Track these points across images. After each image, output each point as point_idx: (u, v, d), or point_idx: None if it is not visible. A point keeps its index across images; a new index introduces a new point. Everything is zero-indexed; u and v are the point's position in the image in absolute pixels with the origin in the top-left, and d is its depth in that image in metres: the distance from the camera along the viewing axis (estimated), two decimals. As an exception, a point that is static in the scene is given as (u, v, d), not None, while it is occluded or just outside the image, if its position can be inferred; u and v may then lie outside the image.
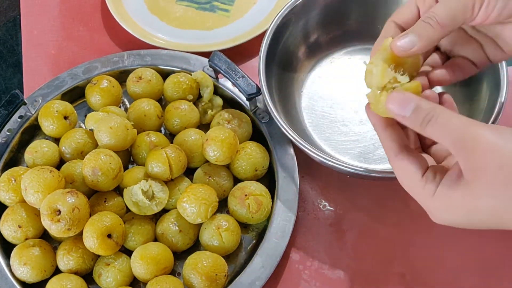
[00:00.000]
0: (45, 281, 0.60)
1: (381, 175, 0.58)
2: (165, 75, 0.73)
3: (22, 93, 0.73)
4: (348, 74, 0.74)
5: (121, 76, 0.74)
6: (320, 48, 0.75)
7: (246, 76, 0.67)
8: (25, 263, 0.59)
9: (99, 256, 0.61)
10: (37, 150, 0.66)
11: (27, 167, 0.66)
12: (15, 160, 0.70)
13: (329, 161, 0.60)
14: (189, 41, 0.81)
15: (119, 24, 0.80)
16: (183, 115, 0.68)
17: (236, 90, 0.71)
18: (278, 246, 0.61)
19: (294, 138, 0.61)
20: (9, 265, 0.61)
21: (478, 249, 0.64)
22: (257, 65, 0.66)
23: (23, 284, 0.61)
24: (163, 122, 0.70)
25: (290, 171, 0.65)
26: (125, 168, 0.67)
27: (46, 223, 0.57)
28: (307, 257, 0.65)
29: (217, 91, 0.72)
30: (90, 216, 0.60)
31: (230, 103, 0.73)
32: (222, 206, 0.65)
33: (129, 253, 0.61)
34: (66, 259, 0.60)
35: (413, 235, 0.65)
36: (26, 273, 0.59)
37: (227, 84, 0.72)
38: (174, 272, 0.62)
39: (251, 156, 0.65)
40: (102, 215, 0.59)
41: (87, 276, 0.61)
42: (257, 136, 0.69)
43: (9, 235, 0.62)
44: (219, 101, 0.71)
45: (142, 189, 0.61)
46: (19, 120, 0.70)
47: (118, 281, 0.60)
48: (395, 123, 0.45)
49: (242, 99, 0.70)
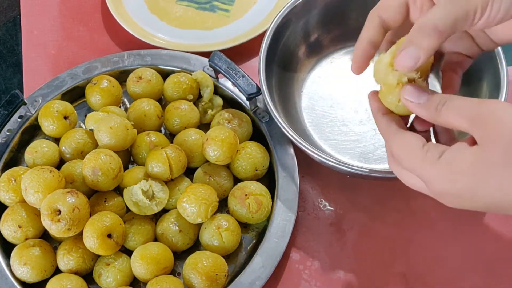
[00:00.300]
0: (45, 281, 0.60)
1: (381, 175, 0.58)
2: (165, 75, 0.73)
3: (22, 93, 0.73)
4: (348, 74, 0.72)
5: (121, 76, 0.74)
6: (320, 48, 0.75)
7: (246, 76, 0.67)
8: (25, 263, 0.59)
9: (99, 256, 0.61)
10: (37, 150, 0.66)
11: (27, 167, 0.66)
12: (15, 160, 0.70)
13: (329, 161, 0.60)
14: (189, 41, 0.81)
15: (119, 24, 0.80)
16: (183, 115, 0.68)
17: (236, 90, 0.71)
18: (278, 246, 0.61)
19: (294, 138, 0.61)
20: (9, 265, 0.61)
21: (478, 248, 0.64)
22: (257, 65, 0.66)
23: (23, 284, 0.61)
24: (163, 122, 0.70)
25: (290, 171, 0.65)
26: (125, 168, 0.67)
27: (46, 223, 0.57)
28: (307, 257, 0.65)
29: (217, 91, 0.72)
30: (90, 216, 0.60)
31: (230, 103, 0.73)
32: (222, 206, 0.65)
33: (129, 253, 0.61)
34: (66, 259, 0.60)
35: (413, 235, 0.65)
36: (26, 273, 0.59)
37: (227, 84, 0.72)
38: (174, 272, 0.62)
39: (251, 156, 0.65)
40: (102, 215, 0.59)
41: (87, 276, 0.61)
42: (257, 136, 0.69)
43: (9, 235, 0.62)
44: (219, 101, 0.71)
45: (142, 189, 0.61)
46: (19, 120, 0.70)
47: (118, 281, 0.60)
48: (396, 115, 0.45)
49: (242, 99, 0.70)
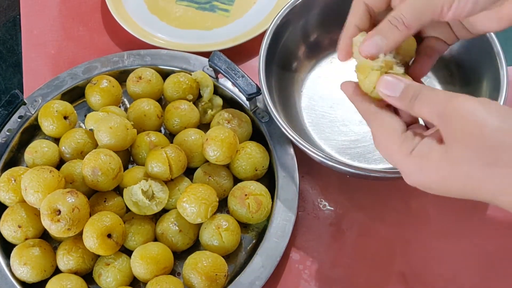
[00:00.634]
0: (45, 281, 0.60)
1: (381, 175, 0.58)
2: (165, 75, 0.73)
3: (22, 93, 0.73)
4: (348, 74, 0.73)
5: (121, 76, 0.74)
6: (320, 48, 0.75)
7: (246, 76, 0.67)
8: (25, 263, 0.59)
9: (99, 256, 0.61)
10: (37, 150, 0.66)
11: (27, 167, 0.66)
12: (15, 160, 0.70)
13: (329, 161, 0.60)
14: (189, 41, 0.81)
15: (119, 24, 0.80)
16: (183, 115, 0.68)
17: (236, 90, 0.71)
18: (278, 246, 0.61)
19: (294, 138, 0.61)
20: (9, 265, 0.61)
21: (478, 247, 0.64)
22: (257, 65, 0.66)
23: (23, 284, 0.61)
24: (163, 122, 0.70)
25: (290, 171, 0.66)
26: (125, 168, 0.67)
27: (46, 223, 0.57)
28: (307, 257, 0.65)
29: (217, 91, 0.72)
30: (90, 216, 0.60)
31: (230, 103, 0.73)
32: (222, 206, 0.65)
33: (129, 253, 0.61)
34: (66, 259, 0.60)
35: (413, 235, 0.65)
36: (26, 273, 0.59)
37: (227, 84, 0.72)
38: (174, 272, 0.62)
39: (251, 156, 0.65)
40: (102, 215, 0.59)
41: (87, 276, 0.61)
42: (257, 136, 0.69)
43: (9, 235, 0.62)
44: (219, 101, 0.71)
45: (142, 189, 0.61)
46: (19, 120, 0.70)
47: (118, 281, 0.60)
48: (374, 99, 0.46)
49: (242, 99, 0.70)
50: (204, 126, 0.71)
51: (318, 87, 0.74)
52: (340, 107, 0.72)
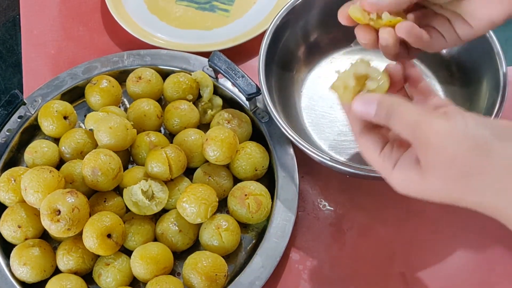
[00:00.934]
0: (45, 281, 0.60)
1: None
2: (165, 75, 0.73)
3: (22, 93, 0.73)
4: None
5: (121, 76, 0.74)
6: (320, 48, 0.75)
7: (245, 76, 0.67)
8: (24, 263, 0.59)
9: (99, 256, 0.61)
10: (36, 150, 0.66)
11: (26, 167, 0.66)
12: (14, 160, 0.70)
13: (328, 161, 0.60)
14: (189, 41, 0.81)
15: (119, 24, 0.80)
16: (183, 115, 0.68)
17: (236, 90, 0.71)
18: (278, 246, 0.61)
19: (294, 138, 0.61)
20: (9, 265, 0.61)
21: (478, 248, 0.64)
22: (256, 65, 0.66)
23: (22, 284, 0.61)
24: (163, 122, 0.70)
25: (290, 171, 0.65)
26: (125, 168, 0.67)
27: (46, 223, 0.57)
28: (307, 257, 0.64)
29: (217, 91, 0.72)
30: (90, 216, 0.60)
31: (229, 103, 0.73)
32: (222, 206, 0.65)
33: (129, 253, 0.61)
34: (66, 259, 0.60)
35: (413, 235, 0.65)
36: (26, 273, 0.59)
37: (226, 84, 0.72)
38: (174, 272, 0.62)
39: (251, 156, 0.65)
40: (102, 215, 0.59)
41: (87, 276, 0.61)
42: (257, 136, 0.69)
43: (8, 235, 0.62)
44: (218, 101, 0.71)
45: (142, 189, 0.61)
46: (18, 120, 0.70)
47: (118, 281, 0.60)
48: None
49: (242, 99, 0.70)
50: (204, 126, 0.71)
51: (318, 87, 0.74)
52: (340, 107, 0.72)
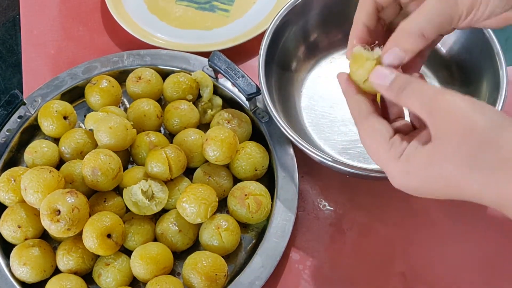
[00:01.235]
0: (44, 281, 0.60)
1: (381, 175, 0.58)
2: (164, 75, 0.73)
3: (22, 93, 0.73)
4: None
5: (121, 76, 0.74)
6: (320, 48, 0.75)
7: (245, 76, 0.67)
8: (24, 263, 0.59)
9: (98, 256, 0.61)
10: (36, 150, 0.66)
11: (26, 167, 0.66)
12: (14, 160, 0.70)
13: (328, 161, 0.60)
14: (188, 41, 0.81)
15: (118, 24, 0.80)
16: (183, 115, 0.68)
17: (235, 90, 0.71)
18: (278, 246, 0.61)
19: (293, 138, 0.61)
20: (8, 265, 0.61)
21: (478, 248, 0.64)
22: (256, 65, 0.66)
23: (22, 284, 0.61)
24: (163, 122, 0.70)
25: (289, 171, 0.65)
26: (125, 168, 0.67)
27: (46, 223, 0.57)
28: (307, 257, 0.64)
29: (216, 91, 0.72)
30: (90, 216, 0.60)
31: (229, 103, 0.73)
32: (222, 206, 0.65)
33: (128, 253, 0.61)
34: (65, 259, 0.60)
35: (413, 234, 0.65)
36: (26, 273, 0.59)
37: (226, 84, 0.72)
38: (173, 272, 0.62)
39: (251, 156, 0.65)
40: (101, 215, 0.59)
41: (87, 276, 0.61)
42: (256, 136, 0.69)
43: (8, 235, 0.62)
44: (218, 101, 0.71)
45: (141, 189, 0.61)
46: (18, 120, 0.70)
47: (118, 281, 0.60)
48: (365, 93, 0.47)
49: (242, 99, 0.70)
50: (203, 126, 0.71)
51: (318, 87, 0.74)
52: (340, 107, 0.72)
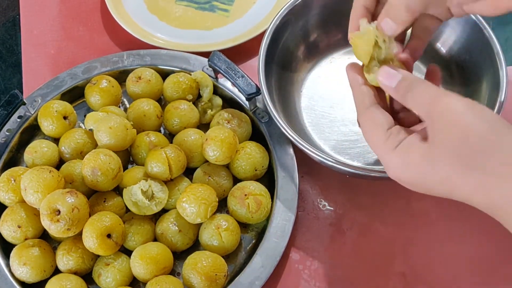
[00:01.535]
0: (44, 281, 0.60)
1: (381, 175, 0.58)
2: (164, 75, 0.73)
3: (22, 93, 0.73)
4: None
5: (121, 76, 0.74)
6: (320, 48, 0.75)
7: (245, 76, 0.67)
8: (24, 263, 0.59)
9: (98, 256, 0.61)
10: (36, 150, 0.66)
11: (26, 167, 0.66)
12: (14, 160, 0.70)
13: (328, 161, 0.60)
14: (188, 41, 0.81)
15: (118, 24, 0.80)
16: (183, 115, 0.68)
17: (235, 90, 0.71)
18: (277, 246, 0.61)
19: (293, 138, 0.61)
20: (8, 265, 0.61)
21: (478, 248, 0.64)
22: (256, 65, 0.66)
23: (22, 284, 0.61)
24: (163, 122, 0.70)
25: (289, 171, 0.65)
26: (125, 168, 0.67)
27: (46, 223, 0.57)
28: (307, 257, 0.64)
29: (216, 91, 0.72)
30: (90, 216, 0.60)
31: (229, 103, 0.73)
32: (222, 206, 0.65)
33: (128, 253, 0.61)
34: (65, 259, 0.60)
35: (413, 234, 0.65)
36: (26, 273, 0.59)
37: (226, 84, 0.72)
38: (173, 272, 0.62)
39: (251, 156, 0.65)
40: (101, 215, 0.59)
41: (87, 276, 0.61)
42: (256, 136, 0.69)
43: (8, 235, 0.62)
44: (218, 101, 0.71)
45: (141, 189, 0.61)
46: (18, 120, 0.70)
47: (118, 281, 0.60)
48: (370, 85, 0.48)
49: (242, 99, 0.70)
50: (203, 126, 0.71)
51: (318, 87, 0.74)
52: (340, 107, 0.72)
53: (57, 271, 0.61)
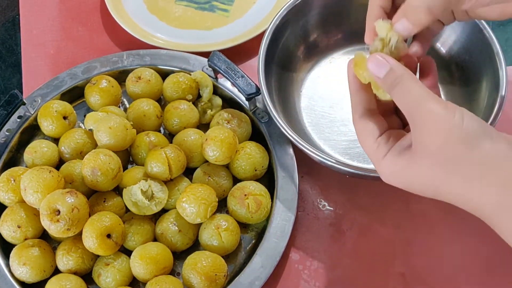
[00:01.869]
0: (44, 281, 0.60)
1: (381, 175, 0.58)
2: (164, 75, 0.73)
3: (21, 93, 0.73)
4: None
5: (121, 76, 0.74)
6: (319, 48, 0.75)
7: (245, 76, 0.67)
8: (24, 263, 0.59)
9: (98, 256, 0.61)
10: (36, 150, 0.66)
11: (26, 167, 0.66)
12: (14, 160, 0.70)
13: (328, 161, 0.60)
14: (188, 41, 0.81)
15: (118, 24, 0.80)
16: (183, 115, 0.68)
17: (235, 90, 0.71)
18: (277, 246, 0.61)
19: (293, 138, 0.61)
20: (8, 265, 0.61)
21: (478, 248, 0.64)
22: (256, 65, 0.66)
23: (22, 284, 0.61)
24: (163, 122, 0.70)
25: (289, 171, 0.65)
26: (125, 168, 0.67)
27: (46, 223, 0.57)
28: (307, 257, 0.64)
29: (216, 91, 0.72)
30: (90, 216, 0.60)
31: (229, 103, 0.73)
32: (222, 206, 0.65)
33: (128, 253, 0.61)
34: (65, 259, 0.60)
35: (412, 235, 0.65)
36: (26, 273, 0.59)
37: (226, 84, 0.72)
38: (173, 272, 0.62)
39: (251, 156, 0.65)
40: (101, 215, 0.59)
41: (87, 276, 0.61)
42: (256, 136, 0.69)
43: (8, 235, 0.62)
44: (218, 101, 0.71)
45: (141, 189, 0.61)
46: (18, 120, 0.70)
47: (118, 281, 0.60)
48: (368, 88, 0.47)
49: (242, 99, 0.70)
50: (203, 126, 0.71)
51: (318, 87, 0.74)
52: (340, 107, 0.72)
53: (57, 271, 0.61)
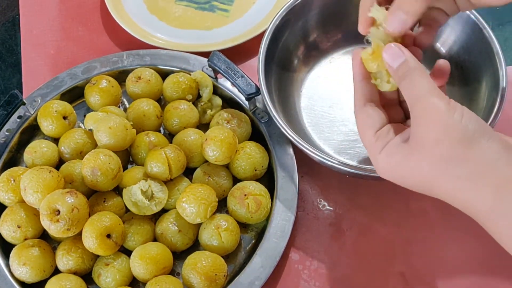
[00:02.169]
0: (44, 281, 0.60)
1: (381, 175, 0.58)
2: (164, 75, 0.73)
3: (21, 93, 0.73)
4: (347, 74, 0.73)
5: (120, 76, 0.74)
6: (319, 48, 0.75)
7: (245, 76, 0.67)
8: (24, 263, 0.59)
9: (98, 256, 0.61)
10: (36, 150, 0.66)
11: (26, 167, 0.66)
12: (14, 160, 0.70)
13: (328, 161, 0.60)
14: (188, 41, 0.81)
15: (118, 24, 0.80)
16: (183, 115, 0.68)
17: (235, 90, 0.71)
18: (277, 246, 0.61)
19: (293, 138, 0.61)
20: (8, 265, 0.61)
21: (478, 248, 0.64)
22: (256, 65, 0.66)
23: (22, 284, 0.61)
24: (162, 122, 0.70)
25: (289, 171, 0.65)
26: (124, 168, 0.67)
27: (46, 223, 0.57)
28: (307, 257, 0.65)
29: (216, 91, 0.72)
30: (90, 216, 0.60)
31: (229, 103, 0.73)
32: (222, 206, 0.65)
33: (128, 253, 0.61)
34: (65, 259, 0.60)
35: (412, 235, 0.65)
36: (26, 273, 0.59)
37: (226, 84, 0.72)
38: (173, 272, 0.62)
39: (251, 156, 0.65)
40: (101, 215, 0.59)
41: (87, 276, 0.61)
42: (256, 136, 0.69)
43: (8, 235, 0.62)
44: (218, 101, 0.71)
45: (141, 189, 0.61)
46: (18, 120, 0.70)
47: (118, 281, 0.60)
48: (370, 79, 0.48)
49: (242, 99, 0.70)
50: (203, 126, 0.71)
51: (318, 87, 0.74)
52: (340, 107, 0.72)
53: (57, 271, 0.61)
